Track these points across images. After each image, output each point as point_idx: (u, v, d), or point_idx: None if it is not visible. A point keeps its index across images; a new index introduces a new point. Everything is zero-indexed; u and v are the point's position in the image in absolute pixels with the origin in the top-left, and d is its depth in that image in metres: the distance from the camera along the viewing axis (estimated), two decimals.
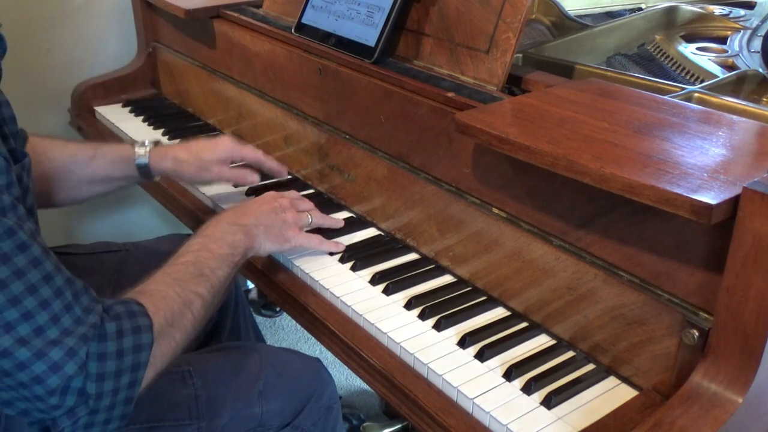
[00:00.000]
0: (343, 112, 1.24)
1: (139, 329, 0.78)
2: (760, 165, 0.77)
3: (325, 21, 1.28)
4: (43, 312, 0.71)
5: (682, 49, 1.33)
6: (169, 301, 0.84)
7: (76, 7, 1.77)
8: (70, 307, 0.73)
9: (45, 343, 0.70)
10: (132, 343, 0.76)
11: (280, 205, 1.10)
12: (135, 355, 0.77)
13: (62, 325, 0.72)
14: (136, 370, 0.77)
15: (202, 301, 0.89)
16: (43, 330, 0.70)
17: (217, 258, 0.95)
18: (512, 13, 1.03)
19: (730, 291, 0.72)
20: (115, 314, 0.77)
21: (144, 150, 1.21)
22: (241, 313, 1.44)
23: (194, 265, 0.92)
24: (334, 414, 1.15)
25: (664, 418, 0.73)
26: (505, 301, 1.01)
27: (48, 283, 0.72)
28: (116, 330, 0.75)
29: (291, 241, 1.08)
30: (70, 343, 0.72)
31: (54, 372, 0.71)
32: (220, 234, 0.99)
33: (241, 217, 1.04)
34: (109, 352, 0.74)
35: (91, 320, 0.74)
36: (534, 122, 0.89)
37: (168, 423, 0.96)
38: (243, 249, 1.00)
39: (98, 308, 0.76)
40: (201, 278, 0.91)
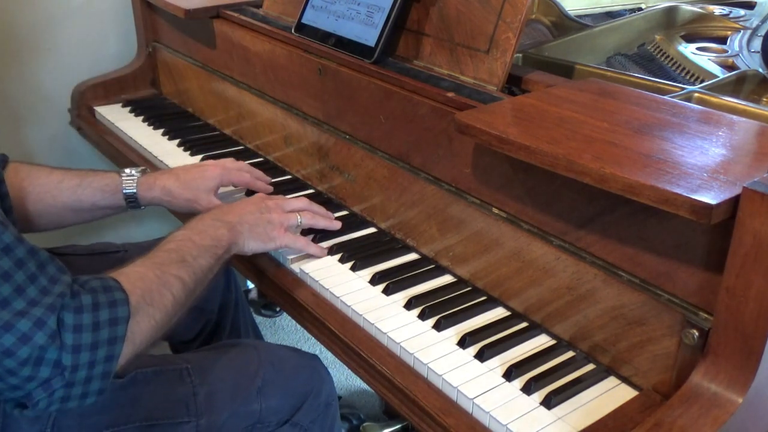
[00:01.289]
0: (343, 112, 1.24)
1: (115, 303, 0.78)
2: (760, 165, 0.77)
3: (325, 21, 1.28)
4: (5, 284, 0.70)
5: (682, 49, 1.33)
6: (147, 282, 0.85)
7: (76, 7, 1.77)
8: (34, 277, 0.73)
9: (11, 315, 0.70)
10: (108, 316, 0.76)
11: (266, 205, 1.10)
12: (111, 329, 0.76)
13: (28, 295, 0.72)
14: (112, 344, 0.76)
15: (183, 284, 0.89)
16: (8, 302, 0.70)
17: (199, 247, 0.96)
18: (512, 13, 1.03)
19: (730, 291, 0.72)
20: (90, 288, 0.77)
21: (131, 179, 1.19)
22: (241, 313, 1.44)
23: (176, 252, 0.93)
24: (333, 411, 1.15)
25: (664, 418, 0.73)
26: (505, 301, 1.01)
27: (8, 254, 0.71)
28: (92, 302, 0.75)
29: (275, 241, 1.08)
30: (38, 313, 0.71)
31: (24, 343, 0.70)
32: (204, 227, 1.00)
33: (225, 214, 1.05)
34: (84, 324, 0.74)
35: (57, 290, 0.74)
36: (534, 122, 0.89)
37: (167, 420, 0.96)
38: (226, 243, 1.01)
39: (65, 278, 0.76)
40: (182, 263, 0.91)
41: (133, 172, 1.20)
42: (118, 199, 1.18)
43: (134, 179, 1.19)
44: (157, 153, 1.50)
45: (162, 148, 1.53)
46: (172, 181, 1.20)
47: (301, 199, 1.18)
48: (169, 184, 1.19)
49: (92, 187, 1.18)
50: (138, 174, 1.20)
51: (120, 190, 1.18)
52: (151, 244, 1.34)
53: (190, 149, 1.51)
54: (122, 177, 1.19)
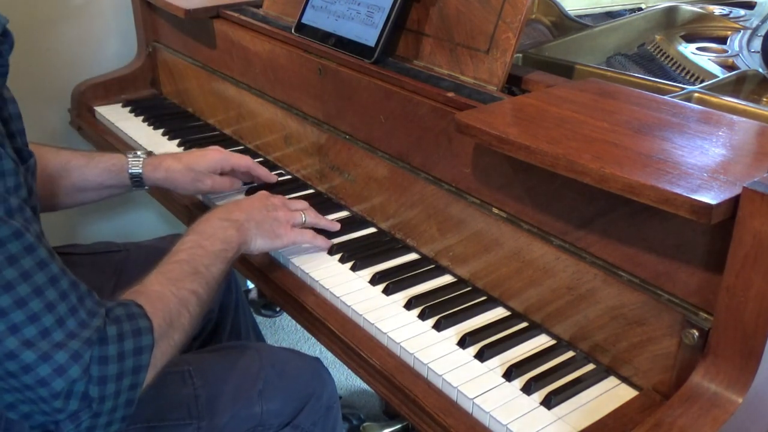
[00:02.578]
0: (343, 112, 1.24)
1: (140, 331, 0.78)
2: (760, 165, 0.77)
3: (325, 21, 1.28)
4: (48, 314, 0.71)
5: (682, 49, 1.33)
6: (167, 302, 0.84)
7: (76, 7, 1.77)
8: (75, 310, 0.73)
9: (51, 346, 0.70)
10: (133, 346, 0.77)
11: (271, 203, 1.10)
12: (136, 358, 0.77)
13: (67, 327, 0.72)
14: (137, 372, 0.77)
15: (198, 298, 0.89)
16: (49, 332, 0.70)
17: (210, 255, 0.95)
18: (512, 13, 1.03)
19: (730, 291, 0.72)
20: (115, 317, 0.77)
21: (137, 160, 1.21)
22: (241, 313, 1.44)
23: (188, 263, 0.92)
24: (334, 413, 1.15)
25: (664, 418, 0.73)
26: (505, 301, 1.01)
27: (54, 285, 0.72)
28: (117, 333, 0.75)
29: (283, 239, 1.08)
30: (75, 346, 0.72)
31: (59, 375, 0.71)
32: (212, 230, 0.99)
33: (232, 213, 1.04)
34: (110, 355, 0.74)
35: (95, 324, 0.74)
36: (534, 122, 0.89)
37: (168, 423, 0.96)
38: (236, 244, 1.00)
39: (102, 312, 0.76)
40: (196, 276, 0.91)
41: (138, 153, 1.22)
42: (123, 179, 1.21)
43: (140, 160, 1.21)
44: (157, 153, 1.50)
45: (162, 148, 1.53)
46: (175, 162, 1.23)
47: (301, 201, 1.19)
48: (172, 165, 1.22)
49: (99, 167, 1.20)
50: (144, 155, 1.22)
51: (126, 170, 1.20)
52: (151, 243, 1.36)
53: (190, 149, 1.51)
54: (128, 158, 1.21)
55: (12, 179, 0.71)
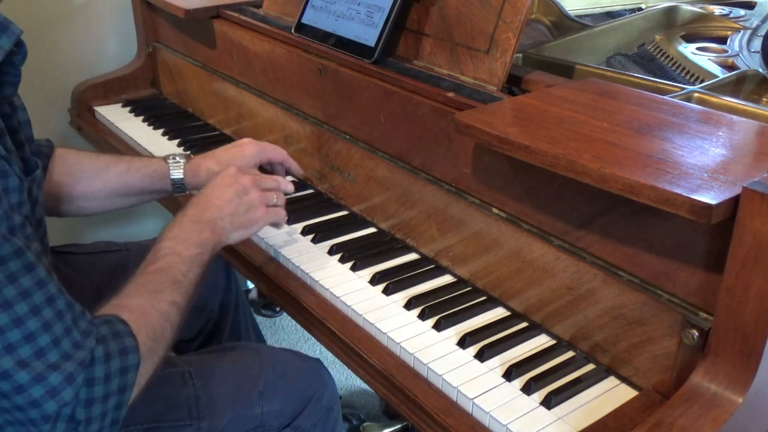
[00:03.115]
0: (343, 112, 1.24)
1: (126, 350, 0.77)
2: (760, 165, 0.77)
3: (325, 21, 1.28)
4: (45, 334, 0.70)
5: (682, 49, 1.33)
6: (150, 317, 0.83)
7: (76, 7, 1.77)
8: (69, 330, 0.72)
9: (45, 367, 0.69)
10: (119, 365, 0.75)
11: (242, 186, 1.04)
12: (122, 377, 0.76)
13: (62, 348, 0.71)
14: (123, 392, 0.76)
15: (178, 309, 0.88)
16: (44, 352, 0.70)
17: (186, 260, 0.93)
18: (512, 13, 1.03)
19: (730, 291, 0.72)
20: (101, 336, 0.75)
21: (178, 165, 1.19)
22: (241, 313, 1.44)
23: (166, 272, 0.90)
24: (334, 414, 1.15)
25: (664, 418, 0.73)
26: (505, 301, 1.01)
27: (51, 304, 0.71)
28: (104, 354, 0.74)
29: (258, 223, 1.05)
30: (70, 368, 0.71)
31: (51, 397, 0.70)
32: (187, 234, 0.97)
33: (204, 212, 1.00)
34: (97, 377, 0.73)
35: (88, 345, 0.73)
36: (534, 122, 0.89)
37: (168, 423, 0.96)
38: (210, 246, 0.98)
39: (95, 332, 0.75)
40: (175, 285, 0.89)
41: (177, 158, 1.20)
42: (165, 185, 1.20)
43: (181, 164, 1.20)
44: (157, 153, 1.50)
45: (162, 148, 1.53)
46: (215, 164, 1.20)
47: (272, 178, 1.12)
48: (213, 167, 1.19)
49: (140, 173, 1.19)
50: (183, 159, 1.20)
51: (167, 176, 1.19)
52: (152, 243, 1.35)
53: (190, 149, 1.51)
54: (169, 162, 1.19)
55: (16, 196, 0.71)
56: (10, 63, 0.77)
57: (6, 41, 0.75)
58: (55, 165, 1.13)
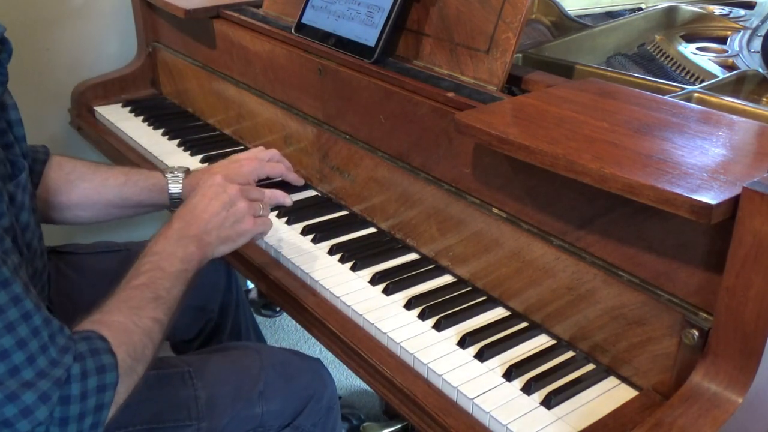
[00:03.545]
0: (343, 112, 1.24)
1: (104, 368, 0.75)
2: (760, 165, 0.77)
3: (325, 21, 1.28)
4: (19, 351, 0.68)
5: (682, 49, 1.33)
6: (130, 334, 0.81)
7: (76, 7, 1.77)
8: (45, 347, 0.71)
9: (18, 385, 0.68)
10: (96, 383, 0.74)
11: (229, 198, 1.01)
12: (99, 396, 0.74)
13: (38, 366, 0.70)
14: (99, 411, 0.74)
15: (160, 325, 0.86)
16: (18, 370, 0.68)
17: (170, 276, 0.91)
18: (512, 13, 1.03)
19: (730, 291, 0.72)
20: (78, 353, 0.74)
21: (177, 180, 1.18)
22: (241, 313, 1.44)
23: (148, 287, 0.88)
24: (334, 414, 1.15)
25: (664, 418, 0.73)
26: (505, 301, 1.01)
27: (26, 321, 0.69)
28: (80, 371, 0.73)
29: (246, 235, 1.03)
30: (44, 387, 0.69)
31: (24, 417, 0.68)
32: (172, 249, 0.94)
33: (189, 225, 0.98)
34: (73, 395, 0.71)
35: (65, 362, 0.72)
36: (534, 122, 0.89)
37: (168, 424, 0.96)
38: (196, 261, 0.96)
39: (73, 348, 0.73)
40: (158, 302, 0.87)
41: (176, 173, 1.19)
42: (163, 199, 1.19)
43: (179, 179, 1.19)
44: (157, 153, 1.50)
45: (162, 148, 1.53)
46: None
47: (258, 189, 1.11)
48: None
49: (138, 186, 1.18)
50: (182, 174, 1.20)
51: (166, 190, 1.18)
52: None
53: (190, 149, 1.51)
54: (167, 177, 1.19)
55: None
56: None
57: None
58: (51, 172, 1.12)
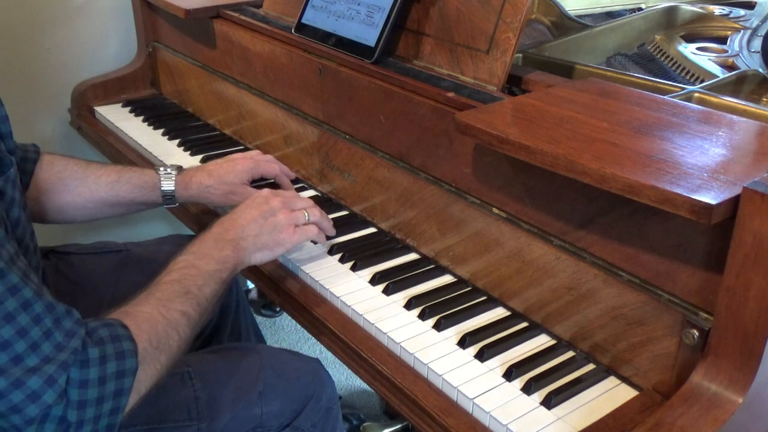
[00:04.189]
0: (343, 112, 1.24)
1: (123, 354, 0.75)
2: (760, 165, 0.77)
3: (325, 21, 1.28)
4: (21, 340, 0.69)
5: (682, 49, 1.33)
6: (154, 323, 0.82)
7: (76, 7, 1.77)
8: (49, 333, 0.71)
9: (23, 372, 0.69)
10: (116, 369, 0.74)
11: (270, 208, 1.04)
12: (118, 381, 0.75)
13: (42, 352, 0.70)
14: (119, 396, 0.75)
15: (188, 320, 0.86)
16: (21, 358, 0.69)
17: (203, 275, 0.92)
18: (512, 13, 1.03)
19: (730, 291, 0.72)
20: (98, 338, 0.75)
21: (170, 177, 1.19)
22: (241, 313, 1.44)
23: (180, 283, 0.89)
24: (334, 415, 1.15)
25: (664, 418, 0.73)
26: (505, 301, 1.01)
27: (26, 310, 0.70)
28: (99, 356, 0.73)
29: (284, 245, 1.04)
30: (50, 370, 0.70)
31: (32, 401, 0.69)
32: (207, 250, 0.96)
33: (228, 231, 1.00)
34: (90, 378, 0.72)
35: (72, 345, 0.72)
36: (534, 122, 0.89)
37: (168, 424, 0.96)
38: (231, 264, 0.97)
39: (81, 332, 0.74)
40: (187, 296, 0.88)
41: (169, 170, 1.20)
42: (155, 196, 1.20)
43: (172, 176, 1.20)
44: (157, 153, 1.50)
45: (162, 148, 1.53)
46: (206, 177, 1.21)
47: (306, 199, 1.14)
48: (205, 180, 1.20)
49: (131, 184, 1.19)
50: (175, 172, 1.20)
51: (158, 187, 1.19)
52: (152, 244, 1.36)
53: (190, 149, 1.51)
54: (160, 174, 1.19)
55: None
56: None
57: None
58: (42, 171, 1.12)
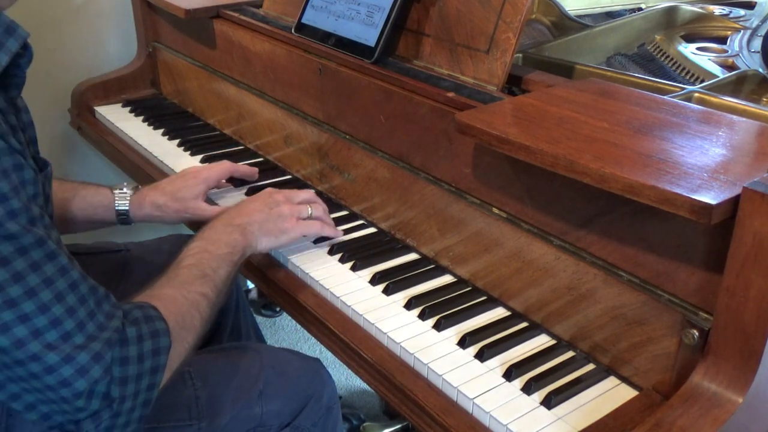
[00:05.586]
0: (343, 112, 1.24)
1: (158, 333, 0.80)
2: (760, 165, 0.77)
3: (325, 21, 1.28)
4: (69, 319, 0.72)
5: (682, 49, 1.33)
6: (179, 305, 0.87)
7: (76, 7, 1.77)
8: (93, 314, 0.75)
9: (72, 348, 0.72)
10: (152, 347, 0.79)
11: (274, 200, 1.10)
12: (154, 358, 0.79)
13: (87, 331, 0.74)
14: (155, 373, 0.79)
15: (207, 300, 0.91)
16: (70, 336, 0.72)
17: (216, 258, 0.97)
18: (512, 13, 1.03)
19: (730, 291, 0.72)
20: (133, 319, 0.79)
21: (124, 195, 1.20)
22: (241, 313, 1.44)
23: (196, 267, 0.94)
24: (334, 414, 1.15)
25: (664, 418, 0.73)
26: (505, 301, 1.01)
27: (73, 290, 0.73)
28: (136, 335, 0.77)
29: (288, 233, 1.09)
30: (97, 347, 0.73)
31: (81, 375, 0.72)
32: (217, 235, 1.01)
33: (234, 217, 1.06)
34: (131, 356, 0.76)
35: (113, 325, 0.76)
36: (534, 122, 0.89)
37: (168, 423, 0.96)
38: (240, 247, 1.02)
39: (119, 313, 0.78)
40: (204, 279, 0.93)
41: (125, 189, 1.21)
42: (110, 216, 1.20)
43: (126, 196, 1.20)
44: (157, 153, 1.50)
45: (162, 148, 1.53)
46: (159, 195, 1.21)
47: (308, 191, 1.18)
48: (157, 199, 1.20)
49: (86, 202, 1.19)
50: (130, 191, 1.21)
51: (113, 207, 1.19)
52: (152, 243, 1.36)
53: (190, 149, 1.51)
54: (115, 194, 1.20)
55: (32, 188, 0.73)
56: (16, 65, 0.78)
57: (13, 43, 0.76)
58: None
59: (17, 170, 0.71)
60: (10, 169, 0.70)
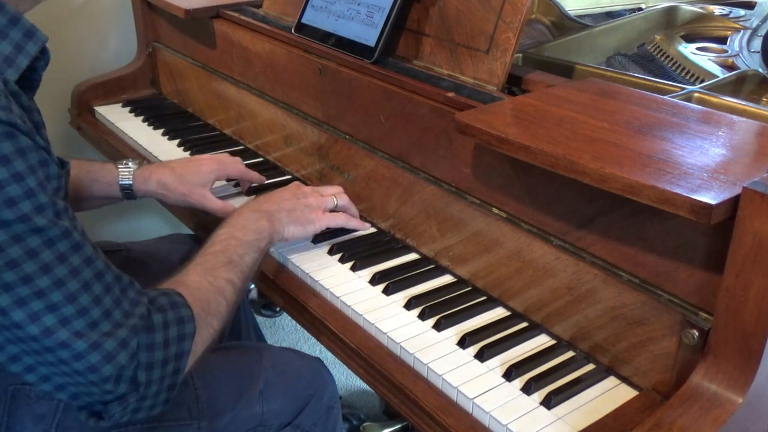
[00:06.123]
0: (343, 112, 1.24)
1: (183, 320, 0.82)
2: (760, 165, 0.77)
3: (325, 21, 1.28)
4: (96, 307, 0.74)
5: (682, 49, 1.33)
6: (204, 291, 0.88)
7: (76, 7, 1.77)
8: (119, 301, 0.77)
9: (99, 335, 0.74)
10: (176, 333, 0.81)
11: (302, 191, 1.12)
12: (180, 344, 0.81)
13: (113, 318, 0.76)
14: (180, 358, 0.81)
15: (233, 286, 0.93)
16: (97, 324, 0.74)
17: (243, 244, 0.99)
18: (512, 13, 1.03)
19: (730, 291, 0.72)
20: (159, 306, 0.81)
21: (128, 171, 1.20)
22: (241, 313, 1.44)
23: (223, 253, 0.96)
24: (335, 414, 1.15)
25: (664, 418, 0.73)
26: (505, 301, 1.01)
27: (99, 280, 0.75)
28: (162, 321, 0.80)
29: (315, 224, 1.11)
30: (123, 334, 0.75)
31: (108, 362, 0.74)
32: (244, 222, 1.03)
33: (263, 204, 1.07)
34: (157, 342, 0.78)
35: (138, 312, 0.78)
36: (534, 122, 0.89)
37: (169, 423, 0.96)
38: (267, 234, 1.03)
39: (144, 300, 0.80)
40: (230, 265, 0.95)
41: (129, 164, 1.21)
42: (114, 190, 1.20)
43: (130, 170, 1.20)
44: (157, 153, 1.50)
45: (162, 148, 1.53)
46: (167, 174, 1.21)
47: (334, 186, 1.20)
48: (164, 177, 1.20)
49: (89, 178, 1.19)
50: (135, 166, 1.21)
51: (117, 181, 1.20)
52: (152, 243, 1.36)
53: (190, 149, 1.51)
54: (119, 168, 1.20)
55: (56, 182, 0.75)
56: (33, 68, 0.80)
57: (32, 47, 0.78)
58: None
59: (43, 166, 0.72)
60: (37, 165, 0.71)
